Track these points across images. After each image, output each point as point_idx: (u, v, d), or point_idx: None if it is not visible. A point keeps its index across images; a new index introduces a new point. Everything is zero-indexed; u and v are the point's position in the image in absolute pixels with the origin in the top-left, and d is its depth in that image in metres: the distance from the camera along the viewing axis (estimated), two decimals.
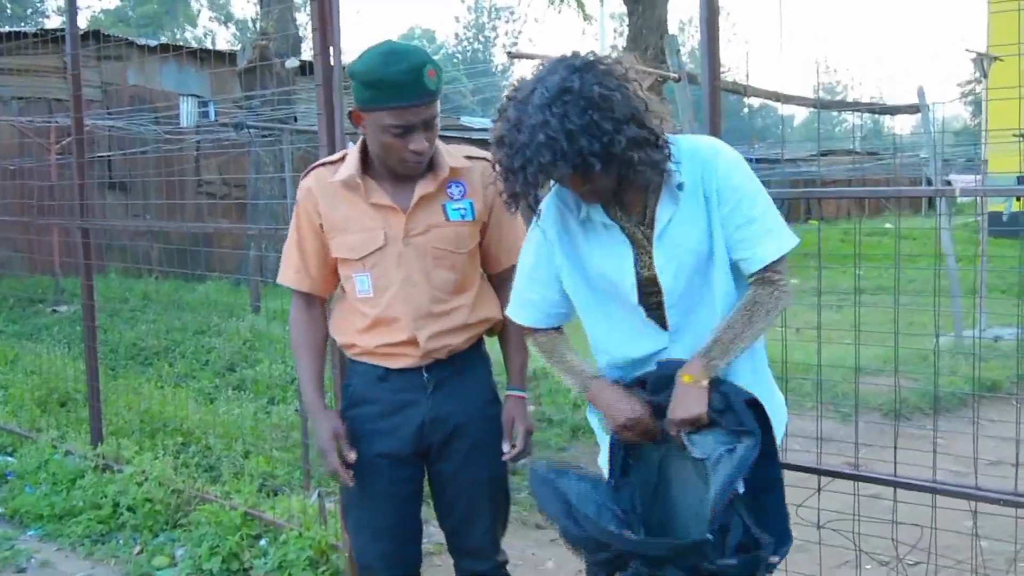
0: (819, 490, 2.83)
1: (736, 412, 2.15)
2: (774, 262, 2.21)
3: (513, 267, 2.56)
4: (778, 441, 2.32)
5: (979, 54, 9.40)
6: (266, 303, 10.51)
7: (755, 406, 2.19)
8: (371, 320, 2.64)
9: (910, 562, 3.00)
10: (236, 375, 7.50)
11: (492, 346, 2.83)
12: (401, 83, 2.40)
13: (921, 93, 8.68)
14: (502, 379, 2.75)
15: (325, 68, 3.57)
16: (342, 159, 2.68)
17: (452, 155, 2.66)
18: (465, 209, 2.64)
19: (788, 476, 2.46)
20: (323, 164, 2.74)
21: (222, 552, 4.03)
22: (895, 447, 2.76)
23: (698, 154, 2.25)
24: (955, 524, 2.96)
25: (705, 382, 2.16)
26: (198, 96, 15.32)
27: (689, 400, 2.15)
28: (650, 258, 2.28)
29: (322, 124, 3.60)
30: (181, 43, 29.58)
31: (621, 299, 2.33)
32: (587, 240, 2.35)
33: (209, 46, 38.08)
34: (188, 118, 12.78)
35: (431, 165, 2.61)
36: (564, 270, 2.38)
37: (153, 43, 17.60)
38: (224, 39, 55.56)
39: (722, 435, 2.14)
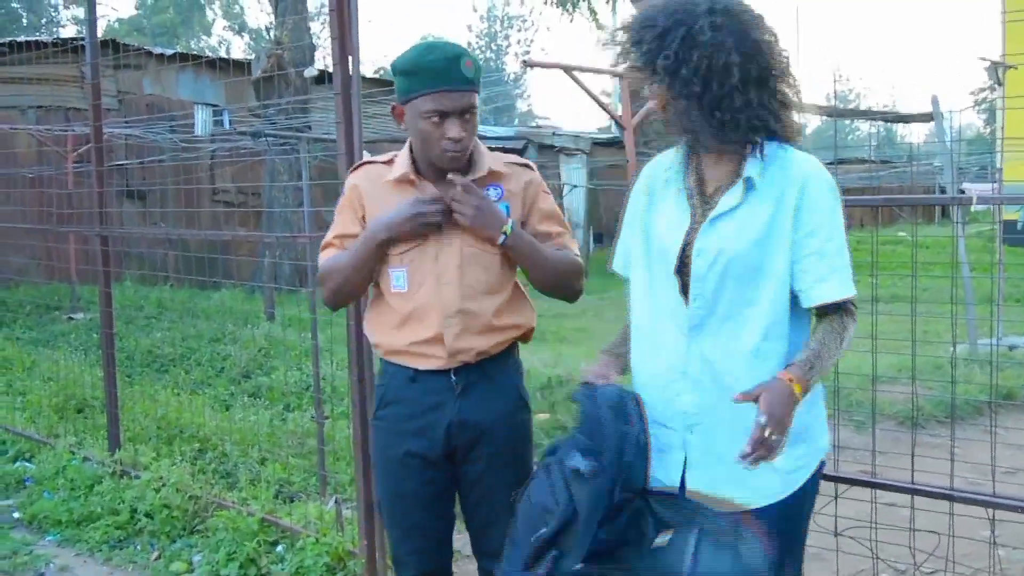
0: (836, 497, 2.84)
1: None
2: (849, 299, 2.19)
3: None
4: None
5: (993, 62, 9.39)
6: (281, 310, 10.56)
7: None
8: (402, 316, 2.70)
9: (927, 570, 3.00)
10: (251, 382, 7.54)
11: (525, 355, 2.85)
12: (438, 69, 2.52)
13: (935, 102, 8.67)
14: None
15: (344, 77, 3.60)
16: (390, 161, 2.76)
17: (494, 159, 2.74)
18: (502, 202, 2.69)
19: None
20: (371, 162, 2.81)
21: (239, 558, 4.06)
22: (912, 454, 2.76)
23: (793, 167, 2.21)
24: (972, 532, 2.97)
25: (800, 396, 2.08)
26: (213, 105, 15.42)
27: (790, 410, 2.05)
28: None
29: (340, 133, 3.63)
30: (196, 52, 29.80)
31: (665, 267, 2.30)
32: (659, 210, 2.37)
33: (224, 55, 38.27)
34: (203, 127, 12.86)
35: (470, 164, 2.69)
36: (638, 241, 2.40)
37: (169, 52, 17.69)
38: (239, 48, 55.88)
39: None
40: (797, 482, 2.25)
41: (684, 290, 2.27)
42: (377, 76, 37.17)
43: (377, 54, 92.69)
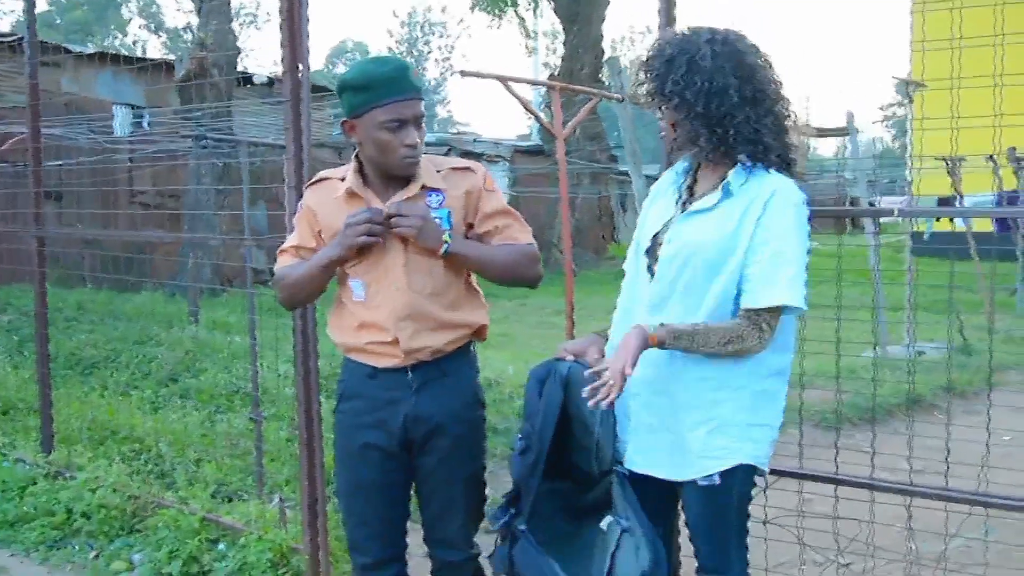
0: (766, 489, 3.02)
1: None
2: (770, 314, 2.38)
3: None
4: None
5: (904, 80, 9.81)
6: (204, 312, 10.50)
7: None
8: (361, 322, 2.84)
9: (850, 558, 3.20)
10: (179, 385, 7.51)
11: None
12: (391, 79, 2.67)
13: (850, 117, 9.04)
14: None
15: (293, 84, 3.68)
16: (343, 178, 2.87)
17: (432, 169, 2.86)
18: (441, 218, 2.80)
19: None
20: (325, 178, 2.93)
21: (182, 555, 4.09)
22: (836, 447, 2.97)
23: (767, 183, 2.44)
24: (893, 525, 3.18)
25: (653, 343, 2.35)
26: (133, 105, 15.19)
27: (635, 356, 2.33)
28: None
29: (289, 139, 3.70)
30: (112, 51, 29.16)
31: (639, 251, 2.60)
32: (655, 207, 2.67)
33: (140, 54, 37.53)
34: (122, 127, 12.70)
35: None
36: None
37: (88, 50, 17.38)
38: (156, 48, 54.84)
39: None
40: (708, 469, 2.46)
41: (652, 272, 2.55)
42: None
43: None
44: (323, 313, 3.15)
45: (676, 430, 2.50)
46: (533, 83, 6.02)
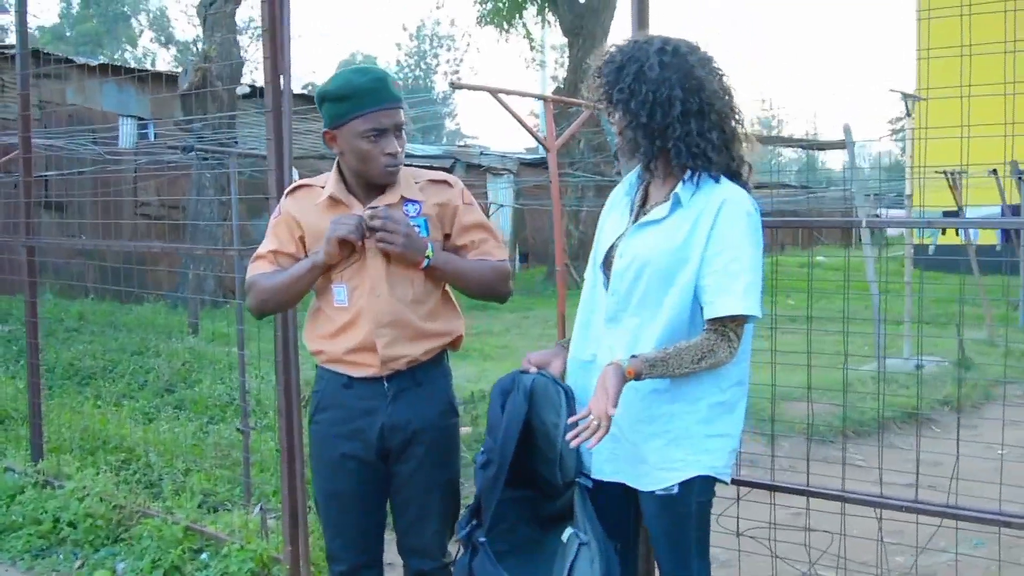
0: (738, 500, 3.02)
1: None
2: (735, 323, 2.39)
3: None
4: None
5: (904, 93, 9.82)
6: (205, 324, 10.53)
7: None
8: (339, 326, 2.86)
9: (824, 569, 3.19)
10: (175, 395, 7.53)
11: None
12: (371, 89, 2.71)
13: (847, 130, 9.04)
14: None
15: (275, 95, 3.71)
16: (323, 185, 2.91)
17: (410, 180, 2.90)
18: (419, 226, 2.84)
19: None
20: (305, 185, 2.95)
21: (164, 565, 4.11)
22: (808, 459, 2.96)
23: (717, 194, 2.44)
24: (869, 537, 3.17)
25: (631, 376, 2.33)
26: (138, 117, 15.26)
27: (616, 392, 2.30)
28: None
29: (271, 149, 3.72)
30: (121, 63, 29.33)
31: (595, 263, 2.62)
32: (609, 219, 2.67)
33: (149, 67, 37.73)
34: (127, 139, 12.76)
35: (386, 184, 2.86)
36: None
37: (93, 63, 17.47)
38: (165, 60, 55.14)
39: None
40: (666, 481, 2.47)
41: (607, 284, 2.56)
42: (305, 92, 37.10)
43: (305, 70, 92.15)
44: (304, 324, 3.16)
45: (634, 441, 2.51)
46: (523, 95, 6.05)
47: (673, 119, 2.40)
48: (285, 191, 3.06)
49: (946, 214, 11.79)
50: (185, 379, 8.02)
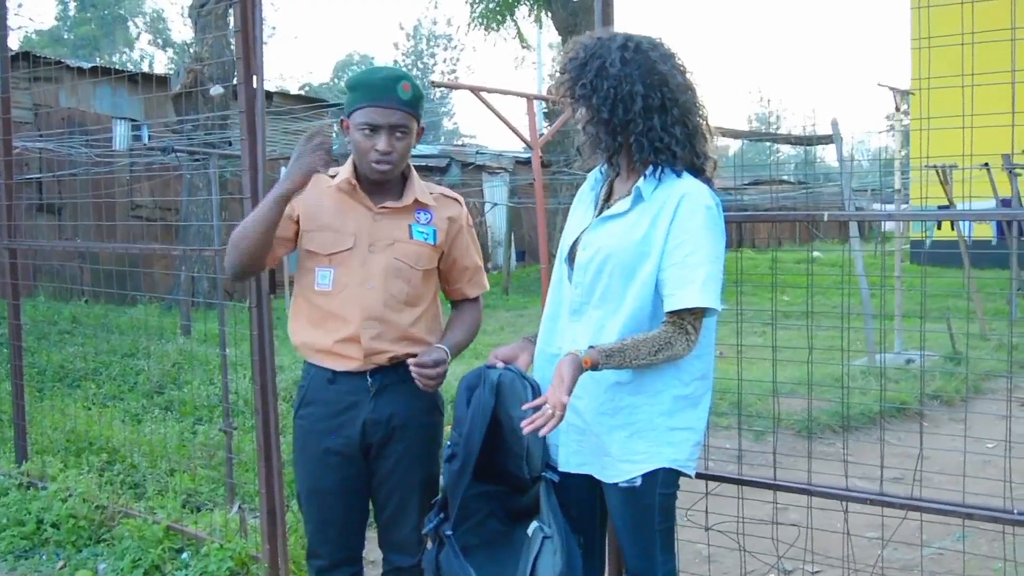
0: (707, 494, 3.03)
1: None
2: (693, 316, 2.39)
3: (475, 300, 3.10)
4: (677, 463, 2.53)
5: (891, 88, 9.82)
6: (197, 325, 10.52)
7: None
8: (324, 313, 2.90)
9: (814, 567, 3.20)
10: (164, 396, 7.54)
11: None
12: (377, 86, 2.80)
13: (835, 124, 9.05)
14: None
15: (248, 95, 3.72)
16: (334, 176, 2.97)
17: (424, 189, 2.98)
18: (428, 233, 2.94)
19: (685, 483, 2.68)
20: (319, 172, 2.96)
21: (144, 564, 4.12)
22: (774, 453, 2.97)
23: (677, 188, 2.45)
24: (837, 527, 3.17)
25: (587, 366, 2.35)
26: (131, 119, 15.28)
27: (572, 381, 2.32)
28: None
29: (245, 149, 3.74)
30: (118, 66, 29.37)
31: (561, 258, 2.66)
32: (575, 213, 2.70)
33: (146, 69, 37.74)
34: (121, 141, 12.78)
35: (404, 187, 2.95)
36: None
37: (86, 65, 17.49)
38: (162, 63, 55.15)
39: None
40: (629, 473, 2.49)
41: (571, 278, 2.60)
42: (302, 93, 37.02)
43: (302, 71, 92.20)
44: (282, 325, 3.18)
45: (598, 433, 2.53)
46: (505, 93, 6.07)
47: (635, 114, 2.42)
48: None
49: (942, 209, 11.81)
50: (175, 380, 8.03)
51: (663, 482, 2.49)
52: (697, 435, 2.53)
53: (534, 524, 2.54)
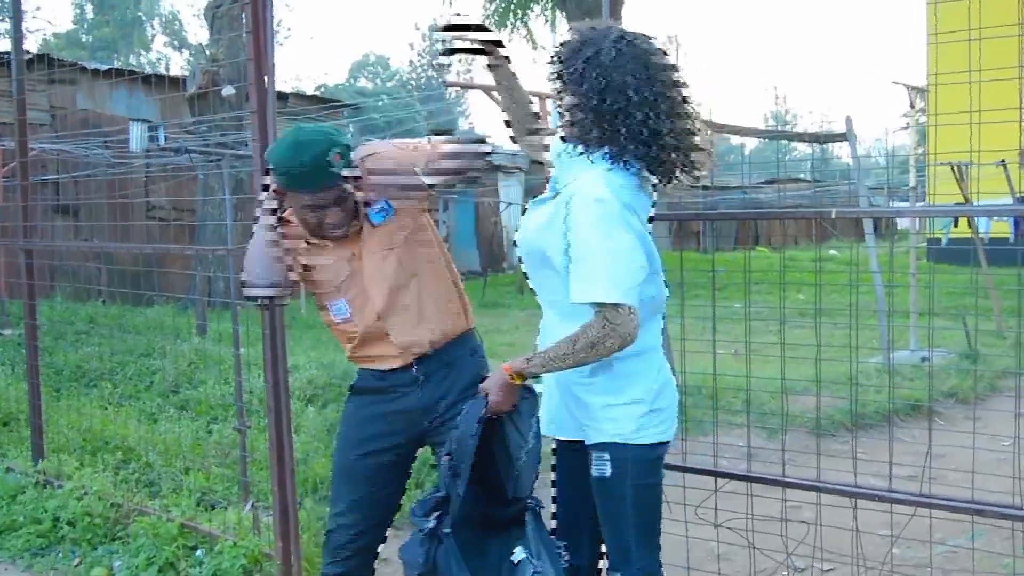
0: (716, 491, 3.04)
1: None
2: (608, 305, 2.37)
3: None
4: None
5: (906, 85, 9.80)
6: (213, 325, 10.57)
7: None
8: (360, 338, 2.98)
9: (825, 565, 3.20)
10: (180, 396, 7.59)
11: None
12: (307, 172, 2.70)
13: (849, 122, 9.02)
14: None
15: (260, 96, 3.75)
16: None
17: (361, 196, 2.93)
18: (383, 208, 2.92)
19: (691, 479, 2.70)
20: None
21: (158, 562, 4.16)
22: (783, 449, 2.97)
23: (574, 184, 2.48)
24: (848, 525, 3.17)
25: (517, 381, 2.47)
26: (148, 121, 15.36)
27: (503, 392, 2.50)
28: None
29: (256, 150, 3.76)
30: (135, 68, 29.49)
31: None
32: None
33: (162, 71, 37.90)
34: (137, 142, 12.84)
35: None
36: None
37: (104, 68, 17.59)
38: (178, 64, 55.37)
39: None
40: (586, 439, 2.60)
41: None
42: (318, 93, 37.11)
43: (318, 71, 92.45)
44: (295, 324, 3.21)
45: (564, 400, 2.67)
46: None
47: (625, 106, 2.41)
48: None
49: (957, 206, 11.74)
50: (190, 380, 8.07)
51: (634, 473, 2.51)
52: (646, 406, 2.53)
53: (520, 552, 2.55)
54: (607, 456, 2.52)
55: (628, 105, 2.41)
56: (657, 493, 2.58)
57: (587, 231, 2.40)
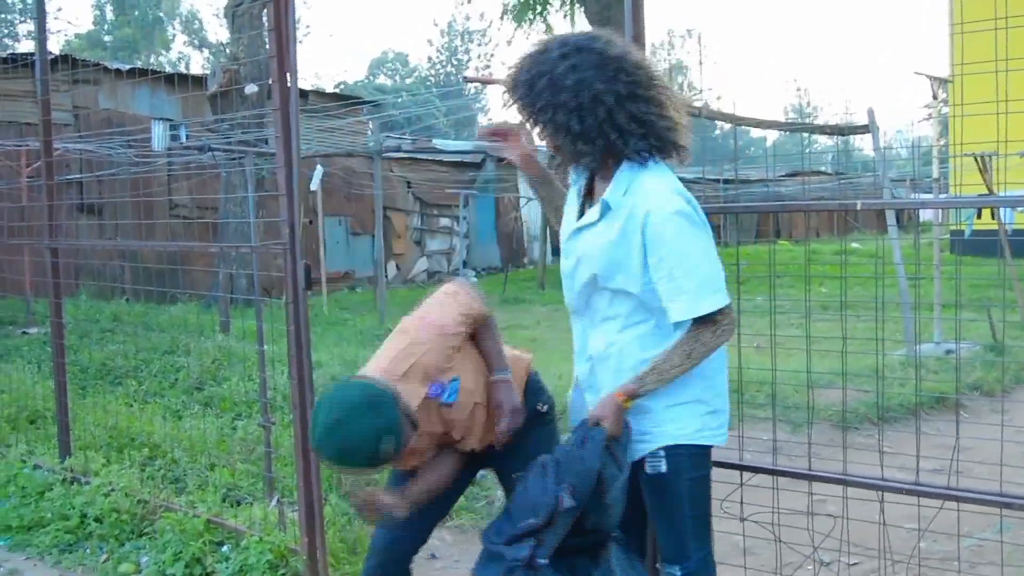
0: (742, 485, 3.03)
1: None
2: (709, 313, 2.38)
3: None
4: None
5: (930, 77, 9.72)
6: (236, 322, 10.63)
7: None
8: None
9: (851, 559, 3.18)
10: (204, 393, 7.63)
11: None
12: (368, 469, 2.63)
13: (871, 114, 8.97)
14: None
15: (283, 93, 3.76)
16: None
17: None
18: (451, 391, 2.79)
19: (717, 473, 2.69)
20: None
21: (185, 557, 4.18)
22: (808, 443, 2.96)
23: (641, 202, 2.42)
24: (874, 518, 3.16)
25: (628, 405, 2.43)
26: (170, 120, 15.45)
27: (618, 418, 2.45)
28: None
29: (279, 146, 3.78)
30: (155, 68, 29.68)
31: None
32: (566, 209, 2.72)
33: (183, 70, 38.10)
34: (159, 141, 12.90)
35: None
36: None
37: (126, 68, 17.70)
38: (198, 63, 55.62)
39: None
40: (641, 452, 2.55)
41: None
42: (338, 91, 37.24)
43: (338, 69, 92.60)
44: (319, 321, 3.20)
45: None
46: None
47: (608, 111, 2.38)
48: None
49: (981, 197, 11.64)
50: (214, 377, 8.12)
51: (689, 466, 2.51)
52: (708, 406, 2.54)
53: None
54: (662, 452, 2.51)
55: (612, 108, 2.37)
56: (708, 484, 2.60)
57: (679, 247, 2.38)
